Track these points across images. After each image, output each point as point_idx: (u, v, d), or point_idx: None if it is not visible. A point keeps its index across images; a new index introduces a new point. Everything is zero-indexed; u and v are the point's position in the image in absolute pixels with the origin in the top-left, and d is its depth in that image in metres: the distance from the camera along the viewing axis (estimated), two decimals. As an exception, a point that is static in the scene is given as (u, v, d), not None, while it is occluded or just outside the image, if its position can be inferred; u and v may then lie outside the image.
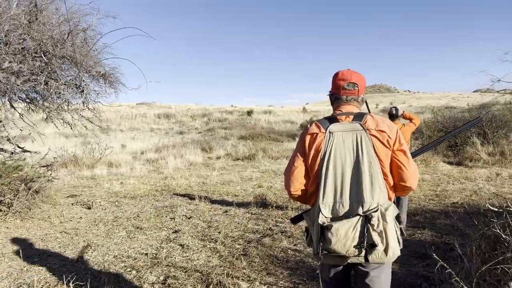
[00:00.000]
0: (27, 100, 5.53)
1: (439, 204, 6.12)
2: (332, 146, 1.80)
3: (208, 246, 4.48)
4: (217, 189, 8.25)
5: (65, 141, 22.33)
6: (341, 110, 1.93)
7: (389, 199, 1.84)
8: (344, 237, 1.63)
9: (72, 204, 7.13)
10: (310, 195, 1.88)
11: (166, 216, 6.04)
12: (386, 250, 1.66)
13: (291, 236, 4.70)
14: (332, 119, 1.88)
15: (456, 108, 43.10)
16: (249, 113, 35.26)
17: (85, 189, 8.78)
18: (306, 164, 1.87)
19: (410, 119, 5.23)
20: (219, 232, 5.00)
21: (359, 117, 1.85)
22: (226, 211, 6.20)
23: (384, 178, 1.80)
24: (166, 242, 4.70)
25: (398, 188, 1.88)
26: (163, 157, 14.71)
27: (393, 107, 5.34)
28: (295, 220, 2.05)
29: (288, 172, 1.92)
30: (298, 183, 1.87)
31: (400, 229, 1.79)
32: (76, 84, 4.31)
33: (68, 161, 12.72)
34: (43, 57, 4.44)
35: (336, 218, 1.72)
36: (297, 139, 11.82)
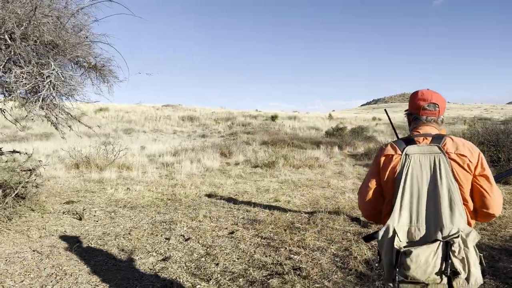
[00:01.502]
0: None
1: (495, 237, 4.85)
2: (408, 169, 1.73)
3: (198, 286, 3.43)
4: (227, 202, 7.22)
5: (88, 141, 21.88)
6: (418, 131, 1.86)
7: (469, 224, 1.72)
8: (425, 263, 1.55)
9: (63, 213, 6.25)
10: (384, 216, 1.82)
11: (161, 235, 5.04)
12: (468, 278, 1.57)
13: (307, 277, 3.58)
14: (409, 141, 1.82)
15: (491, 119, 40.72)
16: (274, 118, 34.20)
17: (86, 195, 7.93)
18: (380, 185, 1.84)
19: None
20: (217, 264, 3.94)
21: (437, 139, 1.78)
22: (232, 232, 5.14)
23: (464, 204, 1.71)
24: (147, 277, 3.69)
25: (480, 215, 1.79)
26: (180, 161, 13.86)
27: None
28: (368, 239, 2.01)
29: (362, 192, 1.90)
30: (372, 204, 1.86)
31: (480, 257, 1.65)
32: (40, 72, 3.39)
33: (81, 162, 12.02)
34: (7, 39, 3.53)
35: (412, 242, 1.65)
36: (322, 146, 10.65)
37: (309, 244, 4.56)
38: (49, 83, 3.21)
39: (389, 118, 2.34)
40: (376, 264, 2.67)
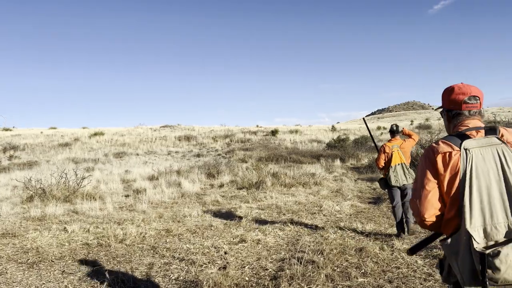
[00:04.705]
0: None
1: None
2: (471, 165, 1.55)
3: None
4: (174, 247, 5.11)
5: (74, 166, 20.01)
6: (467, 126, 1.70)
7: None
8: None
9: None
10: (447, 221, 1.61)
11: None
12: None
13: None
14: (461, 136, 1.65)
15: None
16: (274, 133, 32.15)
17: (1, 241, 5.90)
18: (441, 187, 1.63)
19: (409, 136, 5.31)
20: None
21: (492, 130, 1.64)
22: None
23: None
24: None
25: None
26: (157, 185, 11.82)
27: (394, 124, 5.37)
28: (414, 251, 1.74)
29: (420, 197, 1.64)
30: (433, 209, 1.62)
31: None
32: None
33: (35, 194, 10.03)
34: None
35: (493, 242, 1.48)
36: (322, 160, 8.40)
37: None
38: None
39: (367, 126, 3.01)
40: (440, 275, 1.87)
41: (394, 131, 5.21)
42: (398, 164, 4.97)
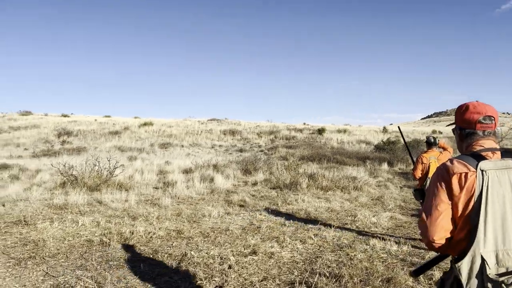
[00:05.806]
0: None
1: None
2: (487, 187, 1.45)
3: None
4: (177, 253, 4.48)
5: (120, 155, 20.36)
6: (482, 146, 1.61)
7: None
8: None
9: None
10: (456, 243, 1.51)
11: None
12: None
13: None
14: (477, 156, 1.54)
15: None
16: (321, 131, 30.91)
17: (10, 230, 5.63)
18: (454, 209, 1.52)
19: (444, 148, 5.25)
20: None
21: (508, 153, 1.56)
22: None
23: None
24: None
25: None
26: (190, 179, 11.40)
27: (431, 135, 5.33)
28: (418, 273, 1.65)
29: (431, 218, 1.52)
30: (444, 231, 1.51)
31: None
32: None
33: (68, 180, 9.96)
34: None
35: (504, 270, 1.38)
36: (368, 162, 7.41)
37: None
38: None
39: (402, 134, 2.87)
40: None
41: (431, 143, 5.21)
42: None
